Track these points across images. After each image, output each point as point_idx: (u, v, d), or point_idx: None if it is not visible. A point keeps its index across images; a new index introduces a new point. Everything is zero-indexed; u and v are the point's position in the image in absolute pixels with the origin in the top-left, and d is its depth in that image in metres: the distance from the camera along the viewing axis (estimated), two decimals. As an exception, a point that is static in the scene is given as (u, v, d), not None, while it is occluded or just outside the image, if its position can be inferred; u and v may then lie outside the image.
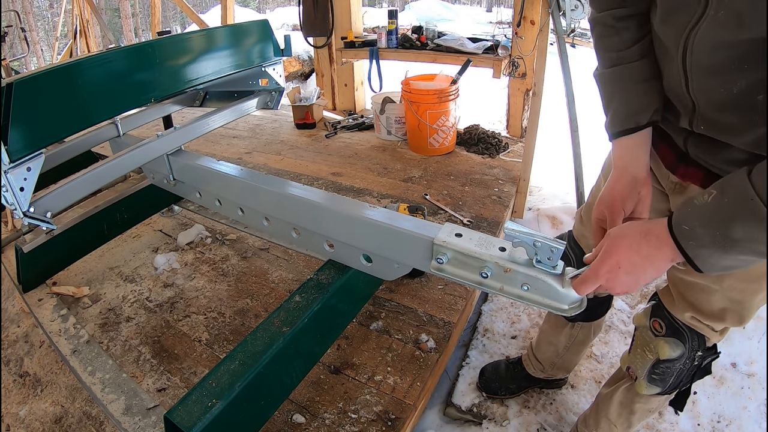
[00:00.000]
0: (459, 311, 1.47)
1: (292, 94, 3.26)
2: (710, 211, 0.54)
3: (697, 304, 0.86)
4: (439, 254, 0.86)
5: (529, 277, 0.76)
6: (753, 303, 0.82)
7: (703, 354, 0.91)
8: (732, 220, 0.52)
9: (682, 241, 0.57)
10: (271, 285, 1.66)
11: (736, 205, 0.52)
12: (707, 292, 0.83)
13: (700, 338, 0.89)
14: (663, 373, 0.94)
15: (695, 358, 0.91)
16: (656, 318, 0.93)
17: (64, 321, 1.50)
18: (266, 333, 0.99)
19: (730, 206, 0.53)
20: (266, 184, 1.18)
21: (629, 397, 1.08)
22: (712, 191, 0.55)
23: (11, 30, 5.81)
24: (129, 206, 1.81)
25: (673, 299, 0.90)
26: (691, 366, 0.92)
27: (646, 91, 0.75)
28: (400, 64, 3.02)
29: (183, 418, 0.82)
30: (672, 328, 0.90)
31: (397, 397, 1.20)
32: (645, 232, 0.61)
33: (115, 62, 1.14)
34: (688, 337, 0.89)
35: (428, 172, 2.44)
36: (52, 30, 16.28)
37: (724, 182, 0.55)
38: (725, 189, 0.54)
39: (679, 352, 0.90)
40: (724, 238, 0.54)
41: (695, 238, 0.56)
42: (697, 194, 0.57)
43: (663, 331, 0.92)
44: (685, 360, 0.91)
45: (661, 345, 0.92)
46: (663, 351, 0.91)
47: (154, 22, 5.62)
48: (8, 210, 1.01)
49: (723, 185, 0.55)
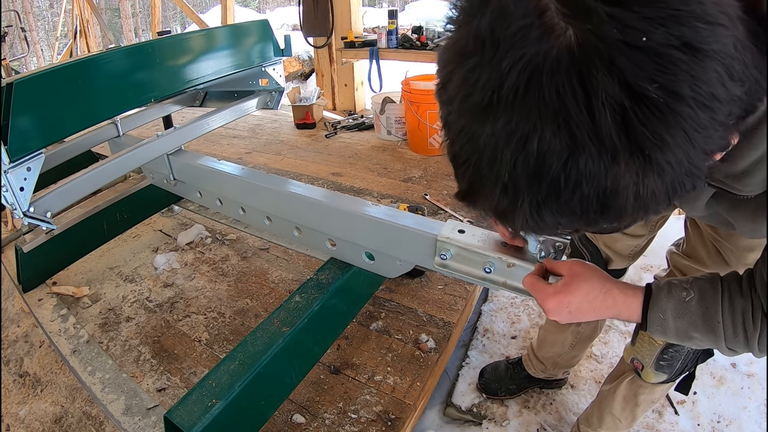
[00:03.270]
0: (459, 311, 1.47)
1: (292, 94, 3.26)
2: (685, 311, 0.62)
3: None
4: (442, 250, 0.86)
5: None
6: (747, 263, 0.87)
7: None
8: (697, 327, 0.61)
9: (651, 321, 0.64)
10: (271, 285, 1.66)
11: (704, 318, 0.61)
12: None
13: None
14: (671, 358, 0.96)
15: None
16: None
17: (64, 321, 1.50)
18: (266, 333, 0.98)
19: (700, 316, 0.61)
20: (268, 183, 1.18)
21: (633, 390, 1.09)
22: (691, 293, 0.62)
23: (11, 30, 5.81)
24: (129, 206, 1.81)
25: None
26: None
27: None
28: (400, 64, 3.02)
29: (183, 418, 0.82)
30: None
31: (397, 397, 1.20)
32: (606, 290, 0.65)
33: (115, 62, 1.14)
34: None
35: (428, 172, 2.44)
36: (52, 30, 16.27)
37: (703, 290, 0.62)
38: (703, 297, 0.62)
39: None
40: (684, 333, 0.63)
41: (662, 324, 0.64)
42: (677, 287, 0.64)
43: None
44: None
45: None
46: None
47: (154, 22, 5.62)
48: (8, 210, 1.01)
49: (702, 294, 0.62)
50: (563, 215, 0.38)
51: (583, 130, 0.33)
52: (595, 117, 0.32)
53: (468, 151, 0.39)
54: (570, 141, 0.33)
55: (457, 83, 0.38)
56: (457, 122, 0.39)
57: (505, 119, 0.34)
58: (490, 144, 0.36)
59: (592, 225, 0.39)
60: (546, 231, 0.42)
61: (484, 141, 0.36)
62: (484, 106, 0.35)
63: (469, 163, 0.39)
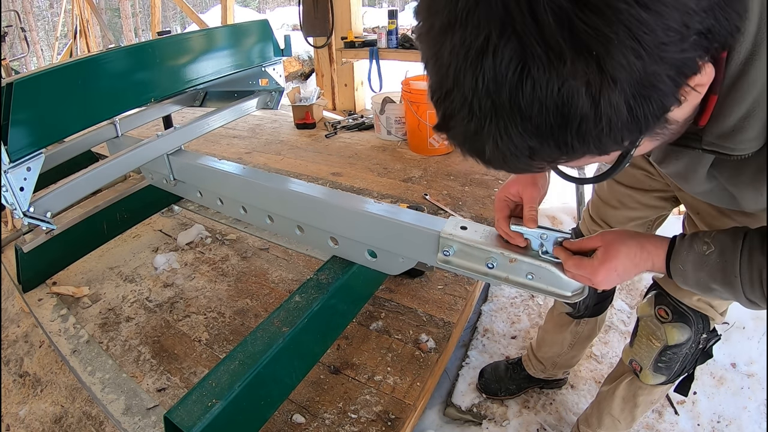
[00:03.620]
0: (459, 311, 1.47)
1: (292, 94, 3.26)
2: (704, 264, 0.64)
3: None
4: (445, 247, 0.87)
5: (533, 267, 0.78)
6: None
7: (708, 336, 0.94)
8: (716, 279, 0.63)
9: (673, 273, 0.67)
10: (271, 285, 1.66)
11: (723, 272, 0.62)
12: None
13: (704, 320, 0.92)
14: (669, 359, 0.96)
15: (700, 341, 0.94)
16: (661, 305, 0.96)
17: (63, 321, 1.50)
18: (266, 333, 0.98)
19: (719, 270, 0.62)
20: (270, 182, 1.18)
21: (632, 391, 1.09)
22: (712, 247, 0.63)
23: (11, 30, 5.82)
24: (129, 206, 1.81)
25: (677, 285, 0.94)
26: (696, 350, 0.94)
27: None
28: (400, 64, 3.02)
29: (183, 418, 0.82)
30: (678, 312, 0.93)
31: (396, 397, 1.20)
32: (641, 246, 0.69)
33: (115, 62, 1.14)
34: (694, 320, 0.92)
35: (428, 172, 2.44)
36: (52, 30, 16.28)
37: (724, 245, 0.62)
38: (723, 252, 0.62)
39: (686, 335, 0.93)
40: (704, 285, 0.65)
41: (683, 275, 0.66)
42: (699, 240, 0.65)
43: (669, 317, 0.94)
44: (691, 344, 0.93)
45: (670, 330, 0.94)
46: (672, 336, 0.94)
47: (154, 22, 5.63)
48: (8, 210, 1.01)
49: (723, 248, 0.62)
50: (530, 134, 0.38)
51: (530, 36, 0.34)
52: (539, 21, 0.33)
53: (438, 79, 0.41)
54: (520, 48, 0.34)
55: (424, 15, 0.41)
56: (426, 54, 0.42)
57: (461, 35, 0.36)
58: (452, 65, 0.38)
59: (564, 149, 0.39)
60: (519, 163, 0.42)
61: (447, 62, 0.38)
62: (444, 28, 0.38)
63: (441, 90, 0.41)
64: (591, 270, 0.70)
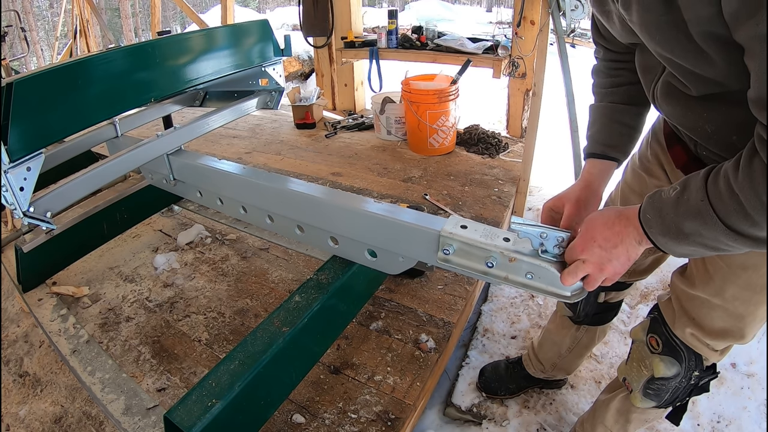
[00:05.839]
0: (459, 311, 1.47)
1: (292, 94, 3.26)
2: (669, 206, 0.59)
3: (698, 319, 0.85)
4: (445, 245, 0.88)
5: (533, 266, 0.78)
6: (756, 317, 0.81)
7: (700, 374, 0.90)
8: (684, 217, 0.57)
9: (645, 227, 0.63)
10: (271, 285, 1.66)
11: (690, 204, 0.57)
12: (709, 306, 0.83)
13: (697, 358, 0.88)
14: (658, 389, 0.93)
15: (691, 377, 0.90)
16: (653, 334, 0.92)
17: (63, 321, 1.50)
18: (266, 333, 0.98)
19: (685, 204, 0.57)
20: (270, 182, 1.18)
21: (626, 407, 1.07)
22: (676, 187, 0.60)
23: (11, 30, 5.81)
24: (129, 206, 1.81)
25: (674, 313, 0.89)
26: (687, 384, 0.91)
27: (621, 133, 0.90)
28: (400, 64, 3.02)
29: (183, 418, 0.82)
30: (669, 346, 0.89)
31: (396, 397, 1.20)
32: (618, 213, 0.67)
33: (115, 62, 1.14)
34: (685, 357, 0.88)
35: (428, 172, 2.44)
36: (52, 30, 16.26)
37: (687, 180, 0.59)
38: (687, 187, 0.58)
39: (674, 371, 0.89)
40: (677, 231, 0.59)
41: (654, 226, 0.61)
42: (668, 188, 0.61)
43: (659, 349, 0.91)
44: (681, 379, 0.90)
45: (657, 363, 0.91)
46: (658, 369, 0.90)
47: (154, 22, 5.62)
48: (8, 210, 1.01)
49: (686, 183, 0.59)
50: None
51: None
52: None
53: None
54: None
55: None
56: None
57: None
58: None
59: None
60: None
61: None
62: None
63: None
64: (572, 251, 0.71)
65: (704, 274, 0.83)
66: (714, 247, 0.57)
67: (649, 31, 0.61)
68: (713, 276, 0.81)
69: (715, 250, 0.58)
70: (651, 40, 0.62)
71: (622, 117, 0.90)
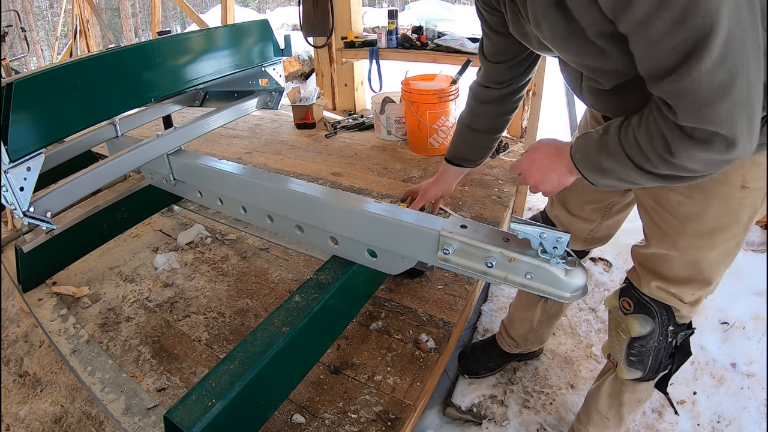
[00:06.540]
0: (459, 311, 1.47)
1: (292, 94, 3.26)
2: (592, 145, 0.74)
3: (660, 271, 0.91)
4: (445, 245, 0.88)
5: (532, 266, 0.79)
6: (712, 260, 0.87)
7: (675, 329, 0.94)
8: (602, 155, 0.72)
9: (576, 162, 0.77)
10: (271, 285, 1.66)
11: (607, 145, 0.71)
12: (668, 259, 0.90)
13: (668, 311, 0.93)
14: (639, 353, 0.96)
15: (668, 333, 0.94)
16: (624, 297, 0.98)
17: (63, 321, 1.50)
18: (266, 333, 0.98)
19: (605, 147, 0.71)
20: (269, 182, 1.18)
21: (617, 388, 1.10)
22: (599, 130, 0.73)
23: (11, 30, 5.82)
24: (129, 206, 1.81)
25: (639, 275, 0.96)
26: (666, 344, 0.94)
27: (476, 151, 1.22)
28: (400, 64, 3.02)
29: (183, 418, 0.82)
30: (640, 304, 0.94)
31: (396, 397, 1.20)
32: (557, 147, 0.82)
33: (115, 62, 1.14)
34: (657, 312, 0.93)
35: (428, 172, 2.44)
36: (52, 30, 16.27)
37: (608, 126, 0.72)
38: (607, 131, 0.71)
39: (649, 327, 0.94)
40: (598, 167, 0.74)
41: (581, 162, 0.76)
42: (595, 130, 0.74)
43: (631, 309, 0.96)
44: (657, 336, 0.94)
45: (631, 321, 0.95)
46: (633, 328, 0.95)
47: (154, 22, 5.62)
48: (8, 210, 1.01)
49: (607, 128, 0.72)
50: None
51: None
52: None
53: None
54: None
55: None
56: None
57: None
58: None
59: None
60: None
61: None
62: None
63: None
64: (517, 165, 0.87)
65: (657, 232, 0.91)
66: (628, 181, 0.71)
67: (559, 43, 0.73)
68: (666, 231, 0.89)
69: (629, 183, 0.72)
70: (563, 50, 0.76)
71: (477, 141, 1.18)
